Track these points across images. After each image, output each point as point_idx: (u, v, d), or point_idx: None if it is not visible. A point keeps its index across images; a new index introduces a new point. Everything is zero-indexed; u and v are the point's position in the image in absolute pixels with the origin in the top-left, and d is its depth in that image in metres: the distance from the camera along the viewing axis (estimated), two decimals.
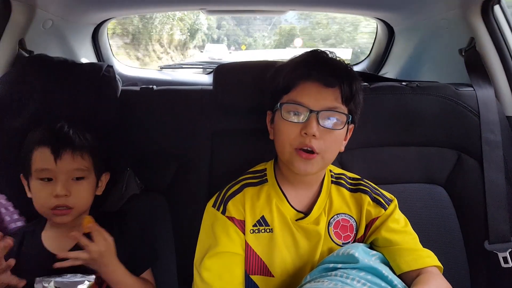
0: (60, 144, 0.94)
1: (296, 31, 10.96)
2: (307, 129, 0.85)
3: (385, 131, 1.22)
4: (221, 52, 12.08)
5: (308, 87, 0.89)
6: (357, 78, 0.94)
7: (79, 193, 0.96)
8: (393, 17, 1.78)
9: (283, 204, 0.95)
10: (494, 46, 1.32)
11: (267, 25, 11.68)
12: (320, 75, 0.88)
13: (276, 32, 11.48)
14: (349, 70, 0.94)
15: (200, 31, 9.32)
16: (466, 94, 1.24)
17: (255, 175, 1.02)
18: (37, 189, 0.94)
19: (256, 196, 0.96)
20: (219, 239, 0.92)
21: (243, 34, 11.64)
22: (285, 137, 0.90)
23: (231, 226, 0.93)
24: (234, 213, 0.94)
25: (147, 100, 1.23)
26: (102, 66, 1.18)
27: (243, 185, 0.99)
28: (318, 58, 0.94)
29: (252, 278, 0.94)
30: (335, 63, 0.93)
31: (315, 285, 0.76)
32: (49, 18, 1.35)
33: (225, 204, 0.95)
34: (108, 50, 1.94)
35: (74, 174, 0.95)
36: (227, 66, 1.24)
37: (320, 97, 0.88)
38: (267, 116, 1.01)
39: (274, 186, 0.98)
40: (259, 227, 0.94)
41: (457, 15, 1.37)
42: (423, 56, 1.68)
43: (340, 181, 1.01)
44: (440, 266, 0.89)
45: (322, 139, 0.87)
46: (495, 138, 1.19)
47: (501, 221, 1.15)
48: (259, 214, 0.95)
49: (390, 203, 0.97)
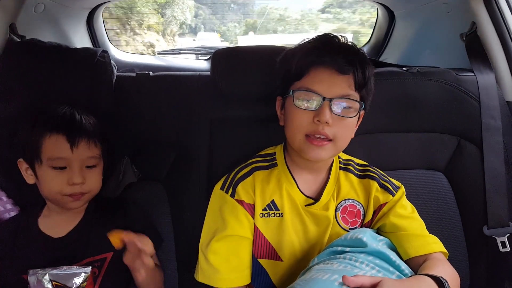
0: (76, 132, 0.93)
1: (257, 24, 11.99)
2: (320, 116, 0.85)
3: (385, 117, 1.21)
4: (214, 40, 12.16)
5: (321, 73, 0.87)
6: (369, 63, 0.92)
7: (92, 180, 0.96)
8: (394, 1, 1.76)
9: (293, 189, 0.96)
10: (496, 31, 1.30)
11: (241, 14, 12.52)
12: (334, 62, 0.86)
13: (244, 23, 12.38)
14: (362, 55, 0.92)
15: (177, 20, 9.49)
16: (466, 80, 1.23)
17: (264, 159, 1.01)
18: (49, 177, 0.92)
19: (266, 180, 0.96)
20: (228, 222, 0.92)
21: (218, 22, 12.15)
22: (297, 124, 0.89)
23: (240, 209, 0.93)
24: (244, 196, 0.94)
25: (144, 86, 1.21)
26: (97, 51, 1.16)
27: (253, 168, 0.98)
28: (330, 44, 0.92)
29: (260, 262, 0.95)
30: (348, 49, 0.91)
31: (324, 266, 0.76)
32: (41, 2, 1.32)
33: (234, 187, 0.95)
34: (103, 36, 1.90)
35: (87, 163, 0.96)
36: (225, 51, 1.21)
37: (333, 84, 0.86)
38: (276, 102, 1.00)
39: (284, 171, 0.98)
40: (269, 211, 0.94)
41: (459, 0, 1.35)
42: (424, 41, 1.66)
43: (348, 167, 1.01)
44: (445, 252, 0.90)
45: (335, 126, 0.86)
46: (495, 124, 1.19)
47: (500, 207, 1.16)
48: (269, 198, 0.95)
49: (398, 190, 0.98)
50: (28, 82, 1.06)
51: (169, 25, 8.79)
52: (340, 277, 0.68)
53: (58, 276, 0.83)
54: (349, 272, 0.71)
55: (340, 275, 0.68)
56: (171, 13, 8.75)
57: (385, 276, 0.74)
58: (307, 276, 0.75)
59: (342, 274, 0.68)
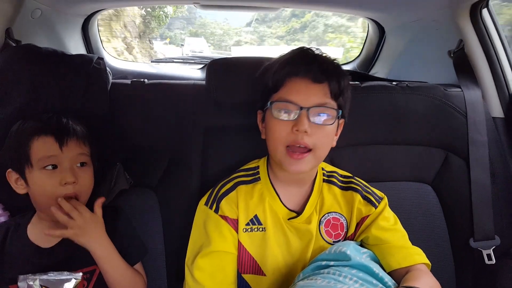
0: (63, 132, 0.93)
1: (199, 33, 14.13)
2: (298, 126, 0.86)
3: (375, 130, 1.24)
4: (201, 45, 12.48)
5: (297, 84, 0.89)
6: (345, 73, 0.95)
7: (84, 180, 0.95)
8: (384, 17, 1.79)
9: (275, 203, 0.96)
10: (482, 49, 1.35)
11: (184, 22, 14.84)
12: (308, 72, 0.89)
13: (188, 31, 14.46)
14: (336, 65, 0.95)
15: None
16: (454, 95, 1.26)
17: (247, 173, 1.02)
18: (42, 180, 0.91)
19: (249, 195, 0.97)
20: (212, 238, 0.91)
21: (167, 30, 13.82)
22: (277, 135, 0.90)
23: (224, 225, 0.93)
24: (227, 211, 0.94)
25: (138, 93, 1.22)
26: (93, 58, 1.16)
27: (236, 183, 0.98)
28: (305, 55, 0.94)
29: (244, 277, 0.95)
30: (322, 59, 0.94)
31: (308, 283, 0.76)
32: (38, 8, 1.32)
33: (218, 202, 0.95)
34: (98, 42, 1.91)
35: (78, 160, 0.95)
36: (220, 62, 1.23)
37: (309, 94, 0.88)
38: (258, 116, 1.01)
39: (267, 185, 0.98)
40: (252, 226, 0.94)
41: (447, 17, 1.39)
42: (413, 56, 1.70)
43: (331, 179, 1.02)
44: (428, 263, 0.90)
45: (314, 135, 0.87)
46: (481, 139, 1.22)
47: (486, 220, 1.18)
48: (252, 213, 0.95)
49: (381, 201, 0.98)
50: (23, 86, 1.06)
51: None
52: None
53: (49, 281, 0.82)
54: (333, 287, 0.72)
55: None
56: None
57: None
58: None
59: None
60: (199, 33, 14.40)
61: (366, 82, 1.29)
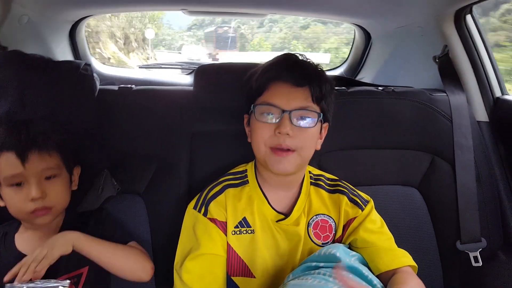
0: (24, 146, 0.89)
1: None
2: (280, 128, 0.88)
3: (362, 134, 1.25)
4: (199, 53, 12.54)
5: (279, 88, 0.91)
6: (327, 78, 0.96)
7: (54, 192, 0.92)
8: (371, 23, 1.82)
9: (264, 205, 0.96)
10: (466, 54, 1.37)
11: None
12: (290, 76, 0.91)
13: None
14: (318, 70, 0.96)
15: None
16: (439, 99, 1.28)
17: (236, 176, 1.02)
18: (10, 196, 0.90)
19: (238, 197, 0.97)
20: (201, 241, 0.91)
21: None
22: (260, 137, 0.91)
23: (213, 227, 0.93)
24: (216, 214, 0.94)
25: (126, 99, 1.21)
26: (80, 64, 1.16)
27: (224, 186, 0.99)
28: (288, 60, 0.96)
29: (233, 280, 0.95)
30: (304, 64, 0.96)
31: (299, 282, 0.77)
32: (25, 14, 1.32)
33: (206, 205, 0.95)
34: (85, 49, 1.90)
35: (45, 174, 0.91)
36: (208, 67, 1.24)
37: (291, 97, 0.90)
38: (244, 119, 1.03)
39: (255, 188, 0.98)
40: (240, 228, 0.95)
41: (432, 24, 1.41)
42: (399, 62, 1.73)
43: (318, 182, 1.03)
44: (415, 265, 0.91)
45: (296, 137, 0.89)
46: (466, 142, 1.24)
47: (472, 222, 1.19)
48: (240, 215, 0.95)
49: (367, 204, 0.99)
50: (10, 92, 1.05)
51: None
52: None
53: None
54: (323, 287, 0.72)
55: None
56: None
57: None
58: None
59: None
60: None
61: (353, 87, 1.31)
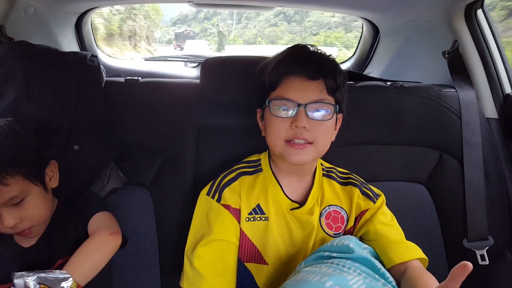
0: None
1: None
2: (297, 122, 0.87)
3: (370, 130, 1.24)
4: (202, 47, 12.57)
5: (293, 81, 0.91)
6: (340, 69, 0.96)
7: (29, 213, 0.87)
8: (379, 17, 1.80)
9: (278, 193, 0.97)
10: (477, 49, 1.35)
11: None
12: (304, 69, 0.90)
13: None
14: (331, 61, 0.96)
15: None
16: (448, 95, 1.27)
17: (250, 165, 1.03)
18: None
19: (252, 185, 0.98)
20: (214, 227, 0.92)
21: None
22: (276, 132, 0.91)
23: (226, 214, 0.94)
24: (230, 201, 0.95)
25: (132, 92, 1.21)
26: (86, 55, 1.15)
27: (238, 173, 0.99)
28: (300, 53, 0.96)
29: (246, 266, 0.95)
30: (317, 56, 0.95)
31: (313, 269, 0.77)
32: (31, 5, 1.31)
33: (220, 192, 0.96)
34: (91, 40, 1.90)
35: (11, 202, 0.84)
36: (214, 60, 1.23)
37: (306, 91, 0.89)
38: (257, 114, 1.02)
39: (269, 176, 0.99)
40: (254, 215, 0.95)
41: (441, 18, 1.40)
42: (407, 57, 1.71)
43: (331, 174, 1.03)
44: (425, 258, 0.92)
45: (313, 130, 0.89)
46: (475, 139, 1.22)
47: (480, 220, 1.18)
48: (254, 202, 0.96)
49: (379, 197, 1.00)
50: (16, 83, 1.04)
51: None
52: (330, 279, 0.69)
53: (47, 280, 0.80)
54: (338, 276, 0.72)
55: (329, 278, 0.69)
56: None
57: (371, 283, 0.75)
58: (297, 277, 0.75)
59: (331, 277, 0.70)
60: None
61: (360, 82, 1.29)
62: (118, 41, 8.94)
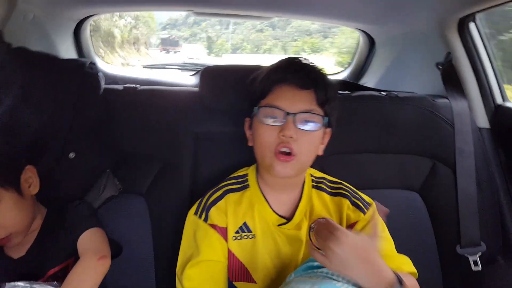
0: None
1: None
2: (284, 131, 0.87)
3: (364, 138, 1.25)
4: (198, 52, 12.58)
5: (284, 90, 0.91)
6: (331, 82, 0.96)
7: (4, 221, 0.86)
8: (375, 29, 1.83)
9: (265, 209, 0.95)
10: (469, 61, 1.38)
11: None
12: (295, 78, 0.90)
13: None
14: (322, 74, 0.96)
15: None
16: (441, 105, 1.29)
17: (236, 181, 1.01)
18: None
19: (238, 202, 0.96)
20: (201, 247, 0.91)
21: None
22: (264, 140, 0.90)
23: (213, 234, 0.93)
24: (217, 220, 0.94)
25: (130, 99, 1.21)
26: (85, 62, 1.16)
27: (225, 191, 0.98)
28: (293, 64, 0.96)
29: (235, 285, 0.94)
30: (309, 67, 0.95)
31: (302, 279, 0.77)
32: (30, 11, 1.32)
33: (207, 211, 0.95)
34: (89, 47, 1.90)
35: None
36: (214, 69, 1.24)
37: (295, 100, 0.89)
38: (245, 123, 1.02)
39: (256, 191, 0.98)
40: (241, 233, 0.94)
41: (435, 30, 1.42)
42: (402, 67, 1.73)
43: (320, 185, 1.02)
44: (415, 272, 0.91)
45: (300, 140, 0.88)
46: (468, 148, 1.25)
47: (472, 227, 1.20)
48: (241, 220, 0.95)
49: (369, 207, 0.99)
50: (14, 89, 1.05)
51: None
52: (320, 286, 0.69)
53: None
54: (327, 283, 0.72)
55: (319, 285, 0.70)
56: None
57: None
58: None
59: (321, 284, 0.70)
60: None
61: (356, 92, 1.31)
62: (127, 47, 9.98)
